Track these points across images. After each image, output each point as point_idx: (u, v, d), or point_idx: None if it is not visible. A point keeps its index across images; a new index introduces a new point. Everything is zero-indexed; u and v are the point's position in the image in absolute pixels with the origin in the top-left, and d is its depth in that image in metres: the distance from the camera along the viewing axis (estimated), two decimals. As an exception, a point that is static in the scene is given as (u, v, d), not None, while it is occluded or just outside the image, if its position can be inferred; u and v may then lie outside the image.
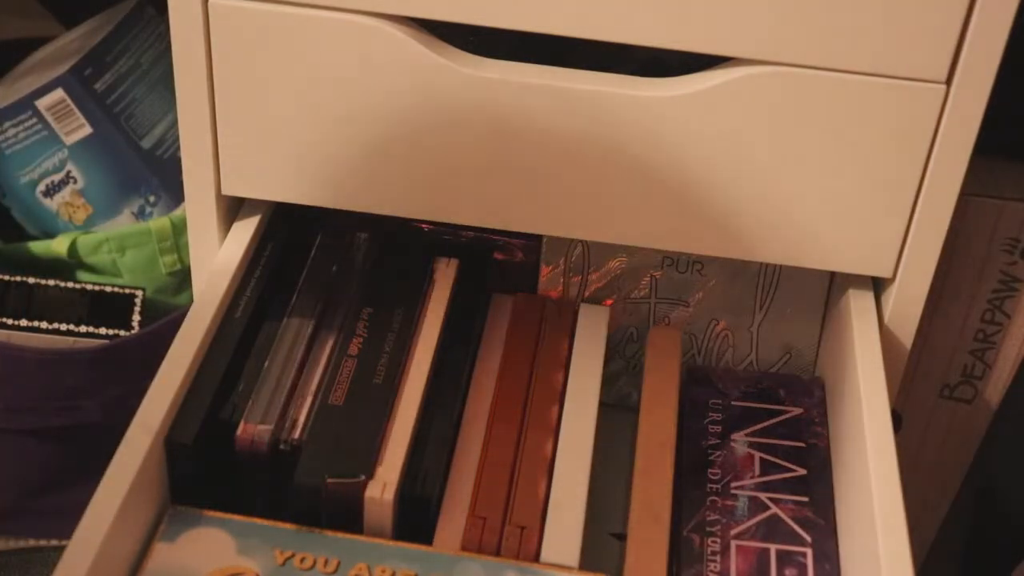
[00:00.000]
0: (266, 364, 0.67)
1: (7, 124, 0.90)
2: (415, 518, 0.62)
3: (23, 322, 0.85)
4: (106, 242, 0.88)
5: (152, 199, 0.91)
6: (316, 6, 0.65)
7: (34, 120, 0.89)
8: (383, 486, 0.61)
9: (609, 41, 0.64)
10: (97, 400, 0.87)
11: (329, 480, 0.61)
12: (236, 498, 0.63)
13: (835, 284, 0.77)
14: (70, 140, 0.90)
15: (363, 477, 0.61)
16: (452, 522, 0.63)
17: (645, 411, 0.70)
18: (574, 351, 0.73)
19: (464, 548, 0.61)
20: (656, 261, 0.78)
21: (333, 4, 0.65)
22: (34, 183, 0.91)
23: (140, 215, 0.91)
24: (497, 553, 0.62)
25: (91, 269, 0.90)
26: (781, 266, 0.77)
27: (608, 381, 0.81)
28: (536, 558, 0.62)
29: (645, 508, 0.65)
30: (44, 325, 0.85)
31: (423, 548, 0.60)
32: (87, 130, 0.89)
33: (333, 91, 0.67)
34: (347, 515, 0.61)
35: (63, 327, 0.86)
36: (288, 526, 0.61)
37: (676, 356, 0.74)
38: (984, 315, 0.84)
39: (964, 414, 0.89)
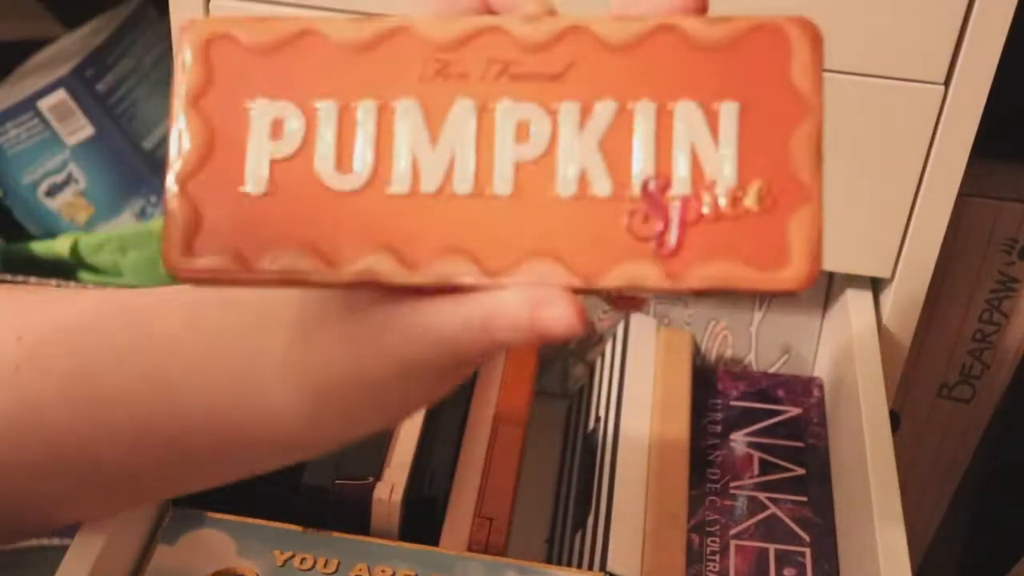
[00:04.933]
0: (269, 364, 0.66)
1: (9, 125, 0.90)
2: (421, 519, 0.62)
3: (25, 322, 0.85)
4: (108, 242, 0.88)
5: (154, 200, 0.91)
6: (317, 8, 0.65)
7: (36, 121, 0.89)
8: (391, 487, 0.61)
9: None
10: (99, 400, 0.86)
11: (337, 482, 0.61)
12: (237, 499, 0.63)
13: (833, 284, 0.77)
14: (72, 141, 0.90)
15: (371, 479, 0.61)
16: (458, 523, 0.63)
17: (658, 412, 0.70)
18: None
19: (470, 549, 0.61)
20: (656, 261, 0.78)
21: (334, 6, 0.65)
22: (36, 183, 0.91)
23: (142, 216, 0.91)
24: (503, 554, 0.62)
25: (93, 269, 0.90)
26: (780, 266, 0.77)
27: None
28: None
29: (662, 509, 0.65)
30: (46, 325, 0.85)
31: (424, 548, 0.60)
32: (89, 131, 0.90)
33: (333, 93, 0.67)
34: (354, 516, 0.61)
35: (65, 327, 0.86)
36: (288, 527, 0.61)
37: (687, 357, 0.74)
38: (982, 315, 0.84)
39: (962, 414, 0.88)
